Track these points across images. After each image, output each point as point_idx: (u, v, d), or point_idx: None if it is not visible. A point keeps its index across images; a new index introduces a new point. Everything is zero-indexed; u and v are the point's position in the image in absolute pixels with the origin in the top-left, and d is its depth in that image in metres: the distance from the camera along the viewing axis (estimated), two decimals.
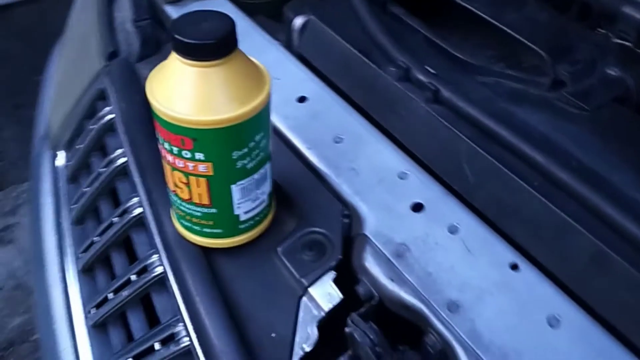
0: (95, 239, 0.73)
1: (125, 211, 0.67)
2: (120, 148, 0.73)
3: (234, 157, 0.50)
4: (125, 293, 0.64)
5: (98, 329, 0.70)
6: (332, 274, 0.54)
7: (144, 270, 0.62)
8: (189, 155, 0.49)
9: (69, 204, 0.86)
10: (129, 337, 0.67)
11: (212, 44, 0.46)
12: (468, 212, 0.55)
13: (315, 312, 0.52)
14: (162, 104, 0.48)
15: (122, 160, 0.71)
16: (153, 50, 0.81)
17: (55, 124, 0.96)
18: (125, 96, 0.74)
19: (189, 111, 0.47)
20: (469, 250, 0.52)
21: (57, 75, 1.04)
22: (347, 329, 0.49)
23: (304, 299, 0.53)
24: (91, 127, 0.80)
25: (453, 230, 0.54)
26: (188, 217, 0.55)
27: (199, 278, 0.56)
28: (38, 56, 2.61)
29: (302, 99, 0.66)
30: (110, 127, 0.77)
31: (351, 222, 0.57)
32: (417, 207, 0.56)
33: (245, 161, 0.51)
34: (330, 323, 0.52)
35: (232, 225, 0.56)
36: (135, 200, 0.67)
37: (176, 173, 0.52)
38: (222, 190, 0.52)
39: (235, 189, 0.52)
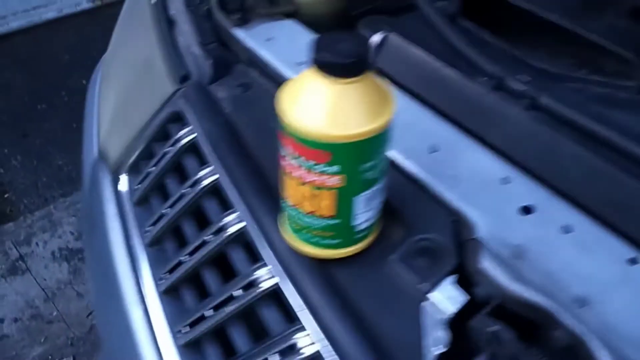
0: (182, 258, 0.74)
1: (221, 229, 0.69)
2: (204, 168, 0.74)
3: (363, 169, 0.52)
4: (228, 309, 0.65)
5: (190, 347, 0.71)
6: (453, 277, 0.56)
7: (249, 286, 0.64)
8: (323, 169, 0.51)
9: (139, 226, 0.86)
10: (228, 354, 0.68)
11: (354, 62, 0.49)
12: (579, 212, 0.57)
13: (439, 316, 0.54)
14: (300, 121, 0.50)
15: (211, 179, 0.73)
16: (224, 72, 0.83)
17: (113, 148, 0.97)
18: (207, 117, 0.76)
19: (330, 127, 0.49)
20: (586, 248, 0.55)
21: (108, 101, 1.05)
22: (488, 329, 0.51)
23: (426, 304, 0.55)
24: (167, 149, 0.81)
25: (567, 229, 0.56)
26: (307, 230, 0.57)
27: (319, 287, 0.57)
28: (40, 85, 2.62)
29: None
30: (188, 148, 0.79)
31: (461, 227, 0.59)
32: (527, 210, 0.59)
33: (371, 172, 0.53)
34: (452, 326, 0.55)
35: (350, 235, 0.58)
36: (232, 217, 0.68)
37: (303, 187, 0.54)
38: (348, 201, 0.54)
39: (359, 200, 0.55)
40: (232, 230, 0.67)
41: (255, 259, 0.65)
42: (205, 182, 0.73)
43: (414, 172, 0.64)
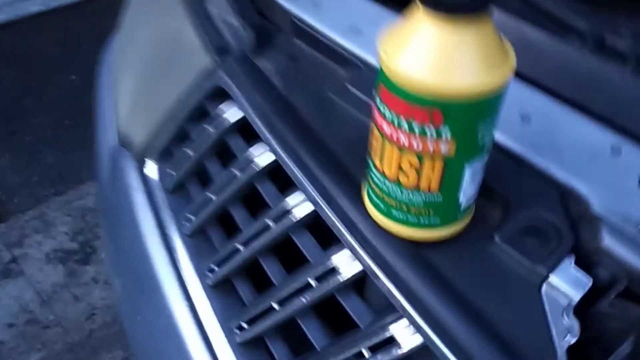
0: (237, 245, 0.66)
1: (286, 212, 0.61)
2: (257, 147, 0.66)
3: (478, 134, 0.45)
4: (301, 301, 0.58)
5: (251, 346, 0.64)
6: (571, 258, 0.49)
7: (325, 275, 0.56)
8: (433, 133, 0.44)
9: (175, 216, 0.79)
10: (296, 351, 0.61)
11: None
12: None
13: (563, 301, 0.48)
14: (409, 72, 0.43)
15: (267, 158, 0.65)
16: (266, 44, 0.75)
17: (137, 133, 0.89)
18: (256, 91, 0.69)
19: (446, 80, 0.42)
20: None
21: (127, 84, 0.97)
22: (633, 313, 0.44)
23: (545, 288, 0.49)
24: (208, 128, 0.73)
25: None
26: (405, 208, 0.50)
27: (417, 272, 0.50)
28: (27, 80, 2.50)
29: None
30: (234, 127, 0.71)
31: (571, 202, 0.53)
32: None
33: (485, 138, 0.46)
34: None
35: (452, 213, 0.51)
36: (298, 198, 0.61)
37: (407, 156, 0.46)
38: (456, 172, 0.47)
39: (469, 171, 0.48)
40: (299, 212, 0.60)
41: (328, 244, 0.58)
42: (261, 163, 0.65)
43: (507, 143, 0.57)
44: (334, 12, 0.74)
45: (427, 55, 0.43)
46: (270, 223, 0.62)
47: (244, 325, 0.64)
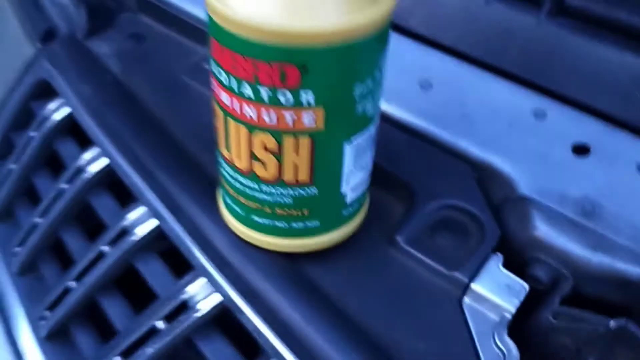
0: (70, 284, 0.50)
1: (124, 232, 0.46)
2: (89, 151, 0.51)
3: (354, 96, 0.32)
4: (149, 350, 0.42)
5: None
6: (499, 258, 0.37)
7: (180, 311, 0.41)
8: (290, 98, 0.30)
9: (1, 250, 0.61)
10: None
11: None
12: None
13: (493, 316, 0.35)
14: (248, 11, 0.29)
15: (99, 164, 0.49)
16: (105, 23, 0.60)
17: None
18: (86, 79, 0.53)
19: (299, 17, 0.28)
20: None
21: None
22: (611, 324, 0.32)
23: (467, 300, 0.36)
24: (31, 134, 0.56)
25: None
26: (269, 209, 0.35)
27: (298, 298, 0.36)
28: None
29: None
30: (62, 127, 0.55)
31: (490, 184, 0.40)
32: (581, 150, 0.40)
33: (366, 102, 0.33)
34: (521, 329, 0.35)
35: (335, 211, 0.37)
36: (137, 213, 0.45)
37: (260, 136, 0.32)
38: (332, 154, 0.34)
39: (349, 150, 0.34)
40: (140, 232, 0.44)
41: (182, 269, 0.43)
42: (91, 171, 0.49)
43: (405, 117, 0.44)
44: None
45: None
46: (106, 248, 0.46)
47: None
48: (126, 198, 0.48)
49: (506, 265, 0.37)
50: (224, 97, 0.32)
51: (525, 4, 0.46)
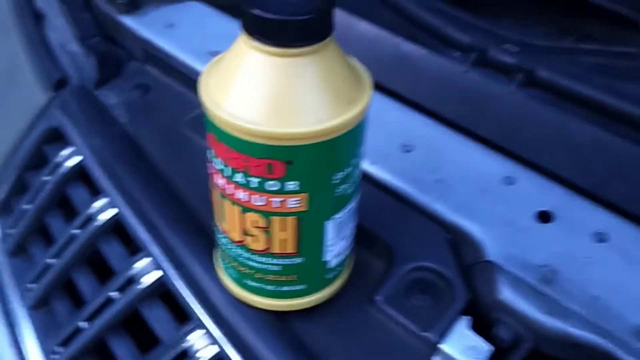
0: (81, 324, 0.54)
1: (131, 281, 0.50)
2: (98, 199, 0.55)
3: (334, 182, 0.36)
4: None
5: None
6: (467, 320, 0.41)
7: (181, 358, 0.45)
8: (277, 186, 0.34)
9: (18, 284, 0.65)
10: None
11: (308, 20, 0.32)
12: (609, 213, 0.44)
13: None
14: (239, 115, 0.33)
15: (108, 214, 0.53)
16: (113, 73, 0.64)
17: None
18: (95, 131, 0.57)
19: (284, 121, 0.32)
20: (632, 260, 0.41)
21: None
22: None
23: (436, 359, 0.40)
24: (44, 178, 0.61)
25: (602, 238, 0.43)
26: (260, 275, 0.40)
27: (284, 354, 0.40)
28: None
29: None
30: (74, 175, 0.59)
31: (462, 247, 0.44)
32: (545, 217, 0.44)
33: (345, 185, 0.37)
34: None
35: (319, 276, 0.41)
36: (143, 263, 0.50)
37: (251, 215, 0.36)
38: (315, 230, 0.38)
39: (331, 227, 0.38)
40: (145, 281, 0.49)
41: (182, 319, 0.47)
42: (101, 219, 0.54)
43: (386, 179, 0.48)
44: (190, 34, 0.63)
45: (254, 95, 0.33)
46: (115, 294, 0.51)
47: None
48: (133, 242, 0.52)
49: (474, 323, 0.41)
50: (220, 181, 0.37)
51: (500, 75, 0.49)
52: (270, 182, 0.34)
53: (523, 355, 0.39)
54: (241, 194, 0.36)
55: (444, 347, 0.39)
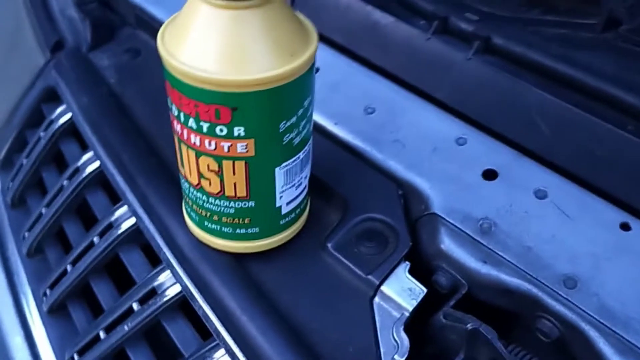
0: (68, 267, 0.58)
1: (110, 226, 0.54)
2: (86, 152, 0.59)
3: (281, 130, 0.39)
4: (126, 328, 0.50)
5: None
6: (406, 265, 0.44)
7: (149, 297, 0.49)
8: (224, 131, 0.38)
9: (15, 232, 0.70)
10: None
11: None
12: (552, 173, 0.46)
13: (395, 313, 0.42)
14: (186, 64, 0.36)
15: (92, 166, 0.57)
16: (107, 37, 0.68)
17: None
18: (85, 89, 0.61)
19: (228, 69, 0.36)
20: (567, 215, 0.44)
21: None
22: (464, 327, 0.39)
23: (377, 300, 0.43)
24: (40, 134, 0.65)
25: (541, 195, 0.45)
26: (217, 217, 0.43)
27: (238, 291, 0.44)
28: None
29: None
30: (67, 131, 0.63)
31: (411, 201, 0.47)
32: (490, 175, 0.47)
33: (292, 135, 0.40)
34: (419, 326, 0.42)
35: (272, 221, 0.44)
36: (121, 211, 0.53)
37: (204, 159, 0.40)
38: (264, 175, 0.41)
39: (280, 173, 0.41)
40: (123, 227, 0.53)
41: (155, 261, 0.51)
42: (87, 171, 0.58)
43: (348, 138, 0.51)
44: (178, 1, 0.66)
45: (204, 44, 0.36)
46: (96, 239, 0.55)
47: (75, 357, 0.56)
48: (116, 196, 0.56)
49: (416, 271, 0.44)
50: (177, 126, 0.40)
51: (459, 42, 0.52)
52: (219, 127, 0.38)
53: (458, 299, 0.42)
54: (194, 139, 0.39)
55: (384, 288, 0.43)
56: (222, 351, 0.43)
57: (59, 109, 0.63)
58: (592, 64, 0.49)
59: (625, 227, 0.43)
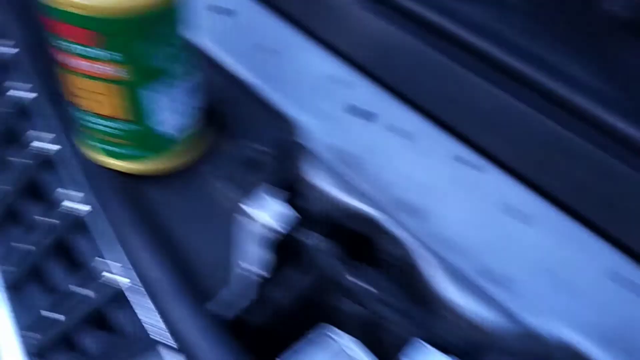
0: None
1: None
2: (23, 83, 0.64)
3: (149, 57, 0.43)
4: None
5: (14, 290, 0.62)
6: (278, 192, 0.48)
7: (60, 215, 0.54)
8: (96, 54, 0.42)
9: None
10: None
11: None
12: (418, 115, 0.50)
13: (267, 233, 0.46)
14: None
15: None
16: None
17: None
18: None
19: None
20: (424, 154, 0.47)
21: None
22: (308, 242, 0.43)
23: (241, 217, 0.47)
24: None
25: (406, 136, 0.49)
26: (109, 139, 0.48)
27: (128, 210, 0.48)
28: None
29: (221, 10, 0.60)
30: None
31: (289, 133, 0.51)
32: (360, 113, 0.51)
33: (164, 62, 0.44)
34: (282, 246, 0.47)
35: (155, 145, 0.48)
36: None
37: (80, 79, 0.44)
38: (140, 98, 0.45)
39: (154, 98, 0.45)
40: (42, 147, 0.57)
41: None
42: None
43: (241, 74, 0.56)
44: None
45: None
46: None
47: None
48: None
49: (289, 197, 0.48)
50: (55, 50, 0.44)
51: None
52: (91, 50, 0.42)
53: (320, 222, 0.46)
54: (72, 62, 0.43)
55: (258, 212, 0.47)
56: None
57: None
58: (469, 15, 0.52)
59: (458, 159, 0.47)
